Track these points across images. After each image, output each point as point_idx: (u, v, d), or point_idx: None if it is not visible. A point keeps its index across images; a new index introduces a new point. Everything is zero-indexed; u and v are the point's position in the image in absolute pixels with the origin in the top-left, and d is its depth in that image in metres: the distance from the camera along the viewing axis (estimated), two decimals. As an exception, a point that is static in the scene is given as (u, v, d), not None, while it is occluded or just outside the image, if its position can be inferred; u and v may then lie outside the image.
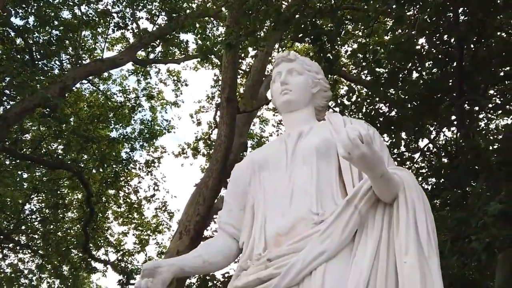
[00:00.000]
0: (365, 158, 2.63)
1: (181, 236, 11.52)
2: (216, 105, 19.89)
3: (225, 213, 3.49)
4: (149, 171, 21.09)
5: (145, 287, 2.88)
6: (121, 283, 20.51)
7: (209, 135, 20.64)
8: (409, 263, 2.65)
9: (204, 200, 11.86)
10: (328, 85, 3.78)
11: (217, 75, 20.57)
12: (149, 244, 21.88)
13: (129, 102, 20.75)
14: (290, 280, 2.80)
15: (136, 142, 20.36)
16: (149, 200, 21.24)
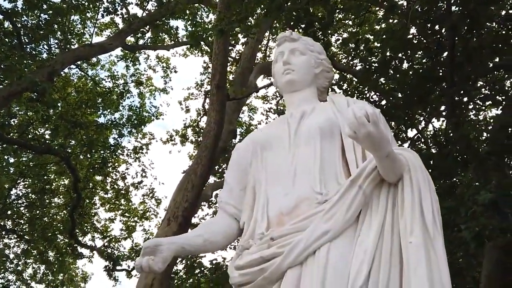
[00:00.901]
0: (371, 137, 2.62)
1: (169, 223, 11.50)
2: (205, 92, 19.85)
3: (226, 193, 3.48)
4: (137, 158, 21.00)
5: (146, 265, 2.88)
6: (107, 269, 20.52)
7: (197, 122, 20.62)
8: (414, 243, 2.65)
9: (192, 186, 11.82)
10: (331, 66, 3.78)
11: (207, 62, 20.53)
12: (136, 230, 21.87)
13: (118, 88, 20.63)
14: (294, 259, 2.81)
15: (124, 128, 20.27)
16: (136, 186, 21.16)
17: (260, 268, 2.90)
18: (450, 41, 9.93)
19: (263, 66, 17.63)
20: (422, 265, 2.59)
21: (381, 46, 10.55)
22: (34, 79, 13.66)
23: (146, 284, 10.69)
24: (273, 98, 20.71)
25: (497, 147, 9.01)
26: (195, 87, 21.36)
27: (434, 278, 2.58)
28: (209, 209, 19.47)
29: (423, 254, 2.61)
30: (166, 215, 11.91)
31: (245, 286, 3.00)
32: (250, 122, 21.03)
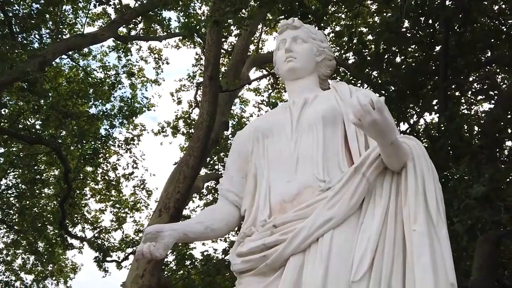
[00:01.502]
0: (376, 124, 2.61)
1: (161, 214, 11.50)
2: (197, 84, 19.81)
3: (227, 180, 3.49)
4: (128, 149, 20.92)
5: (147, 251, 2.86)
6: (97, 260, 20.48)
7: (189, 114, 20.56)
8: (418, 231, 2.66)
9: (184, 178, 11.82)
10: (333, 54, 3.77)
11: (199, 54, 20.48)
12: (126, 222, 21.80)
13: (109, 78, 20.52)
14: (296, 246, 2.81)
15: (116, 119, 20.16)
16: (127, 177, 21.10)
17: (263, 255, 2.91)
18: (444, 34, 9.96)
19: (256, 58, 17.64)
20: (425, 254, 2.60)
21: (375, 39, 10.56)
22: (25, 69, 13.57)
23: (137, 275, 10.68)
24: (265, 91, 20.73)
25: (489, 140, 9.06)
26: (187, 78, 21.36)
27: (437, 266, 2.59)
28: (200, 200, 19.50)
29: (426, 242, 2.62)
30: (158, 206, 11.92)
31: (247, 273, 3.00)
32: (242, 114, 21.01)
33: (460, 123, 9.73)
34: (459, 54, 10.49)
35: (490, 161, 8.83)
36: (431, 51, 11.35)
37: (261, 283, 2.90)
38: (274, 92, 20.62)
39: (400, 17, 9.51)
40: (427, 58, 11.22)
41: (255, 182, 3.33)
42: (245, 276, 3.01)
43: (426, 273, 2.55)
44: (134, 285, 10.52)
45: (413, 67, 10.88)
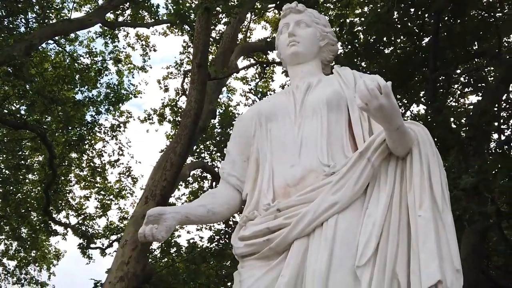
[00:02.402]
0: (383, 109, 2.61)
1: (147, 201, 11.44)
2: (184, 72, 19.72)
3: (228, 164, 3.47)
4: (114, 136, 20.78)
5: (149, 233, 2.85)
6: (81, 247, 20.41)
7: (176, 101, 20.46)
8: (424, 217, 2.66)
9: (171, 165, 11.76)
10: (336, 39, 3.76)
11: (187, 42, 20.37)
12: (111, 209, 21.66)
13: (96, 65, 20.35)
14: (301, 230, 2.82)
15: (102, 106, 20.01)
16: (113, 164, 20.93)
17: (266, 239, 2.91)
18: (434, 26, 9.99)
19: (244, 47, 17.59)
20: (431, 239, 2.60)
21: (365, 30, 10.56)
22: (11, 53, 13.45)
23: (123, 261, 10.63)
24: (252, 80, 20.69)
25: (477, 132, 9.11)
26: (174, 66, 21.23)
27: (443, 252, 2.60)
28: (186, 189, 19.46)
29: (432, 228, 2.63)
30: (144, 193, 11.86)
31: (250, 257, 3.00)
32: (228, 103, 20.94)
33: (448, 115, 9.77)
34: (448, 46, 10.54)
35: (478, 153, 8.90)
36: (419, 42, 11.40)
37: (265, 266, 2.90)
38: (261, 81, 20.57)
39: (392, 8, 9.51)
40: (415, 50, 11.26)
41: (256, 166, 3.33)
42: (248, 260, 3.02)
43: (431, 258, 2.56)
44: (119, 272, 10.46)
45: (402, 58, 10.91)
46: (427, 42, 11.11)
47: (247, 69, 18.96)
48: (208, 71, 12.61)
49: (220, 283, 20.34)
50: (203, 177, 18.89)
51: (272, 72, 20.51)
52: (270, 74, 20.51)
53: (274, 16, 19.67)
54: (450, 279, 2.56)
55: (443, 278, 2.53)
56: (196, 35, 12.52)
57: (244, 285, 2.94)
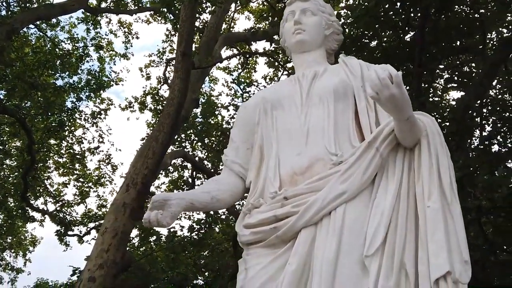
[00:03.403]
0: (394, 99, 2.60)
1: (128, 189, 11.38)
2: (167, 60, 19.61)
3: (232, 151, 3.46)
4: (94, 123, 20.62)
5: (154, 219, 2.83)
6: (58, 233, 20.30)
7: (157, 90, 20.34)
8: (433, 207, 2.67)
9: (153, 154, 11.71)
10: (341, 28, 3.75)
11: (170, 30, 20.24)
12: (89, 196, 21.53)
13: (77, 51, 20.13)
14: (309, 219, 2.81)
15: (83, 92, 19.82)
16: (93, 152, 20.79)
17: (273, 226, 2.90)
18: (421, 21, 10.04)
19: (228, 36, 17.52)
20: (440, 230, 2.61)
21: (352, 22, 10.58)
22: (-8, 37, 13.26)
23: (102, 249, 10.58)
24: (234, 70, 20.64)
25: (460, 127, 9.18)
26: (157, 54, 21.08)
27: (451, 243, 2.62)
28: (166, 177, 19.42)
29: (441, 219, 2.64)
30: (125, 181, 11.79)
31: (256, 245, 2.99)
32: (210, 92, 20.86)
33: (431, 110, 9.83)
34: (433, 41, 10.60)
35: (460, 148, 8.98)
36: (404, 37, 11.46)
37: (271, 255, 2.89)
38: (243, 72, 20.53)
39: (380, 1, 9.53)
40: (400, 44, 11.31)
41: (261, 154, 3.32)
42: (253, 248, 3.00)
43: (440, 250, 2.57)
44: (99, 259, 10.40)
45: (387, 52, 10.94)
46: (412, 37, 11.17)
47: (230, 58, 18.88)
48: (192, 60, 12.56)
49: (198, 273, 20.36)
50: (184, 167, 18.86)
51: (254, 63, 20.48)
52: (253, 65, 20.47)
53: (258, 6, 19.64)
54: (458, 270, 2.57)
55: (452, 269, 2.55)
56: (181, 23, 12.45)
57: (250, 272, 2.93)
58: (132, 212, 10.76)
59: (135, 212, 10.85)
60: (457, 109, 10.40)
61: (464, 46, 11.35)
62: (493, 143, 11.62)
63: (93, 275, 10.05)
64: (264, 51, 18.31)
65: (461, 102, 10.67)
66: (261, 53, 18.40)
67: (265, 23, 18.26)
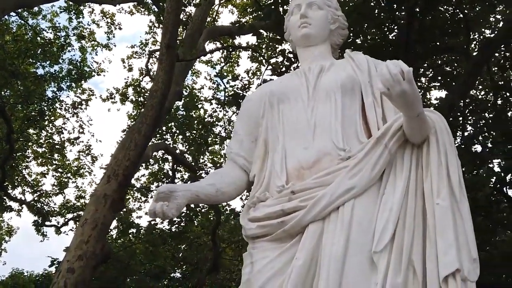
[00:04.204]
0: (405, 95, 2.60)
1: (109, 180, 11.27)
2: (149, 52, 19.52)
3: (236, 144, 3.44)
4: (75, 113, 20.47)
5: (160, 211, 2.80)
6: (36, 224, 20.16)
7: (139, 81, 20.23)
8: (442, 205, 2.67)
9: (135, 145, 11.61)
10: (346, 23, 3.74)
11: (153, 22, 20.13)
12: (68, 187, 21.42)
13: (59, 40, 19.95)
14: (317, 213, 2.80)
15: (63, 82, 19.67)
16: (72, 142, 20.64)
17: (281, 221, 2.88)
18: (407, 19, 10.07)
19: (212, 30, 17.46)
20: (449, 228, 2.62)
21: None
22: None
23: (82, 240, 10.49)
24: (217, 63, 20.59)
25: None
26: (140, 46, 20.95)
27: (460, 241, 2.63)
28: (146, 170, 19.35)
29: (450, 217, 2.64)
30: (106, 172, 11.68)
31: (262, 238, 2.98)
32: (193, 85, 20.80)
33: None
34: (418, 40, 10.65)
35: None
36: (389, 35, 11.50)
37: (278, 249, 2.88)
38: (226, 66, 20.48)
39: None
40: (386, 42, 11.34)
41: (265, 147, 3.30)
42: (259, 241, 2.99)
43: (449, 247, 2.58)
44: (78, 250, 10.31)
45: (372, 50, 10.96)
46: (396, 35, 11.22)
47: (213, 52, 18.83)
48: (176, 52, 12.49)
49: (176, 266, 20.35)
50: (165, 159, 18.81)
51: (237, 57, 20.45)
52: (236, 59, 20.43)
53: (242, 0, 19.60)
54: (467, 268, 2.59)
55: (461, 267, 2.56)
56: (166, 15, 12.36)
57: (256, 266, 2.92)
58: (113, 204, 10.68)
59: (115, 204, 10.77)
60: (441, 108, 10.45)
61: (449, 45, 11.42)
62: (475, 142, 11.73)
63: (72, 266, 9.95)
64: (247, 45, 18.29)
65: (445, 101, 10.74)
66: (245, 47, 18.37)
67: (249, 17, 18.23)
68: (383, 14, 10.89)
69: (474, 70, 10.78)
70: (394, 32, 11.54)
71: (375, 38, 11.62)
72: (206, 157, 20.24)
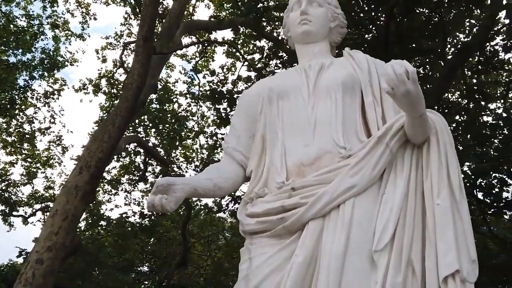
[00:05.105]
0: (409, 95, 2.60)
1: (81, 172, 11.17)
2: (124, 44, 19.36)
3: (233, 139, 3.43)
4: (46, 103, 20.21)
5: (159, 203, 2.78)
6: (3, 214, 19.90)
7: (113, 73, 20.05)
8: (442, 206, 2.69)
9: (109, 137, 11.52)
10: (346, 22, 3.75)
11: (129, 13, 19.97)
12: (37, 177, 21.15)
13: (32, 28, 19.66)
14: (317, 211, 2.81)
15: (36, 71, 19.39)
16: (43, 132, 20.40)
17: (281, 217, 2.88)
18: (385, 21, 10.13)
19: (189, 23, 17.38)
20: (449, 229, 2.64)
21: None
22: None
23: (52, 231, 10.38)
24: (192, 58, 20.52)
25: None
26: (114, 37, 20.76)
27: (459, 242, 2.65)
28: (117, 162, 19.23)
29: (450, 218, 2.67)
30: (79, 163, 11.57)
31: (261, 234, 2.97)
32: (167, 79, 20.69)
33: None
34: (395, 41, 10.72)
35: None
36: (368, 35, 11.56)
37: (276, 245, 2.88)
38: (201, 60, 20.41)
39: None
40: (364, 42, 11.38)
41: (263, 143, 3.30)
42: (258, 237, 2.98)
43: (449, 248, 2.61)
44: (48, 241, 10.20)
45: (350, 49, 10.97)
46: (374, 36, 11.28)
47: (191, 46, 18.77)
48: (153, 45, 12.41)
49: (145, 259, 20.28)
50: (137, 152, 18.70)
51: (212, 52, 20.40)
52: (211, 54, 20.37)
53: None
54: (466, 269, 2.61)
55: (460, 268, 2.58)
56: (144, 7, 12.27)
57: (255, 262, 2.91)
58: (84, 196, 10.58)
59: (87, 196, 10.68)
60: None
61: (425, 48, 11.51)
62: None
63: (41, 257, 9.85)
64: (223, 40, 18.25)
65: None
66: (221, 42, 18.33)
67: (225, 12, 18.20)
68: (362, 14, 10.93)
69: (449, 73, 10.90)
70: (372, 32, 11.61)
71: (353, 37, 11.67)
72: (178, 151, 20.20)
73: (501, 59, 12.63)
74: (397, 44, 10.66)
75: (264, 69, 13.41)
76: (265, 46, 13.76)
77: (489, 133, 11.35)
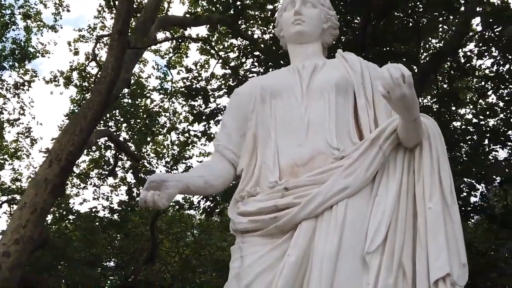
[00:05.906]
0: (404, 99, 2.62)
1: (51, 164, 11.04)
2: (97, 37, 19.18)
3: (224, 137, 3.42)
4: (16, 94, 19.92)
5: (151, 199, 2.77)
6: (-33, 204, 19.64)
7: (85, 66, 19.83)
8: (434, 209, 2.73)
9: (80, 131, 11.40)
10: (338, 23, 3.78)
11: (102, 6, 19.78)
12: (4, 169, 20.85)
13: (3, 18, 19.36)
14: (310, 211, 2.82)
15: (6, 61, 19.10)
16: (12, 123, 20.12)
17: (273, 216, 2.89)
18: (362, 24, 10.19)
19: (164, 19, 17.28)
20: (441, 233, 2.68)
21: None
22: None
23: (19, 224, 10.25)
24: (166, 53, 20.41)
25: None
26: (87, 30, 20.55)
27: (450, 245, 2.68)
28: (87, 156, 19.07)
29: (441, 221, 2.70)
30: (49, 156, 11.44)
31: (253, 233, 2.97)
32: (139, 74, 20.54)
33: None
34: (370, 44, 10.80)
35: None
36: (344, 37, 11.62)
37: (269, 244, 2.89)
38: (175, 56, 20.31)
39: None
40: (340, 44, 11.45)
41: (254, 142, 3.30)
42: (249, 236, 2.99)
43: (441, 251, 2.64)
44: (15, 234, 10.07)
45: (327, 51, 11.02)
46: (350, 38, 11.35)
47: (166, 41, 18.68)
48: (128, 39, 12.32)
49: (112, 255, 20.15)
50: (107, 146, 18.56)
51: (186, 48, 20.31)
52: (185, 50, 20.28)
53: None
54: (456, 273, 2.65)
55: (451, 271, 2.62)
56: (119, 1, 12.19)
57: (246, 261, 2.91)
58: (54, 189, 10.47)
59: (56, 189, 10.56)
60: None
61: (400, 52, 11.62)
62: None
63: (8, 250, 9.72)
64: (198, 37, 18.19)
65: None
66: (196, 38, 18.26)
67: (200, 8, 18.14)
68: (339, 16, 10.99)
69: (422, 78, 11.01)
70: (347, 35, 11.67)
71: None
72: (149, 147, 20.11)
73: (473, 65, 12.80)
74: (372, 47, 10.74)
75: (239, 68, 13.40)
76: (241, 45, 13.75)
77: (460, 138, 11.49)
